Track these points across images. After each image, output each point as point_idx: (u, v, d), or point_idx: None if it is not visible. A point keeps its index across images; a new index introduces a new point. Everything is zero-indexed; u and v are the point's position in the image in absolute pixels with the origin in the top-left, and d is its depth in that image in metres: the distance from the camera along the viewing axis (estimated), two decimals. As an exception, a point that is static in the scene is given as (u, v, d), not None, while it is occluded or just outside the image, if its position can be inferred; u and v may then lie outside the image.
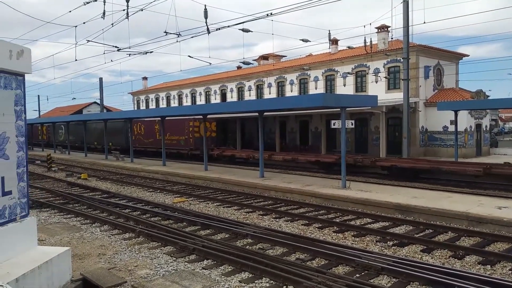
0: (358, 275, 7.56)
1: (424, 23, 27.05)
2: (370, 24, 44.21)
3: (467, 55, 36.41)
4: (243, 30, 21.24)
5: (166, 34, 20.23)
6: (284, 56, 48.61)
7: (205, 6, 18.62)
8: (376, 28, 34.47)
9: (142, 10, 19.37)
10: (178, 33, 20.38)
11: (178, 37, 20.54)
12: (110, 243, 9.97)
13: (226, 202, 15.37)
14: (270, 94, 42.42)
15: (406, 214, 12.56)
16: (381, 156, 28.34)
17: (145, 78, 65.12)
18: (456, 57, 35.72)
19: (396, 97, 30.67)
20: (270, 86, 42.65)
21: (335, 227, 11.34)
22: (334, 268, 8.03)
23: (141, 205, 14.88)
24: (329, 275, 7.26)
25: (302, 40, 25.39)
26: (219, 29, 19.88)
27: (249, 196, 16.68)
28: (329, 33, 26.78)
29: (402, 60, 27.37)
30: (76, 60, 28.08)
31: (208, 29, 19.03)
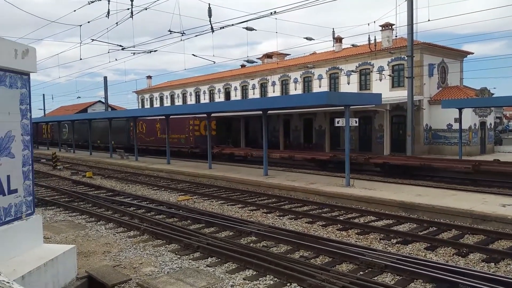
0: (361, 273, 7.57)
1: (428, 21, 26.84)
2: (374, 22, 44.22)
3: (472, 53, 36.23)
4: (247, 28, 21.26)
5: (170, 33, 20.29)
6: (288, 54, 48.56)
7: (209, 4, 18.66)
8: (380, 26, 34.36)
9: (146, 9, 19.43)
10: (182, 31, 20.44)
11: (182, 35, 20.62)
12: (115, 241, 10.03)
13: (230, 200, 15.41)
14: (274, 92, 42.41)
15: (410, 212, 12.56)
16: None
17: (149, 77, 65.29)
18: (460, 54, 35.56)
19: (400, 95, 30.60)
20: (274, 84, 42.64)
21: (339, 225, 11.36)
22: (338, 265, 8.05)
23: (145, 203, 14.94)
24: (333, 273, 7.28)
25: (306, 38, 25.42)
26: (223, 27, 19.92)
27: (253, 194, 16.71)
28: (333, 31, 26.80)
29: (406, 58, 27.30)
30: (81, 59, 28.15)
31: (212, 27, 19.06)
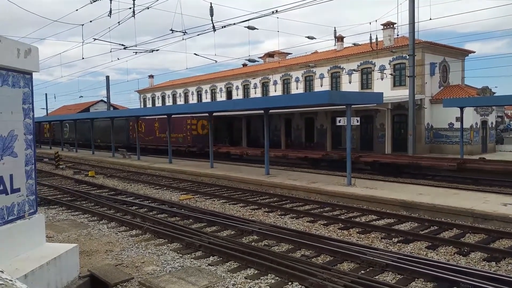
0: (363, 272, 7.59)
1: (430, 20, 26.93)
2: (376, 21, 44.11)
3: (473, 52, 36.21)
4: (249, 27, 21.28)
5: (172, 32, 20.32)
6: (289, 53, 48.59)
7: (210, 4, 18.67)
8: (381, 25, 34.31)
9: (148, 8, 19.44)
10: (184, 31, 20.46)
11: (184, 35, 20.63)
12: (117, 240, 10.07)
13: (232, 199, 15.44)
14: (275, 91, 42.40)
15: (411, 211, 12.58)
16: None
17: (151, 76, 65.35)
18: (462, 53, 35.52)
19: (401, 94, 30.59)
20: (275, 83, 42.64)
21: (340, 224, 11.38)
22: (339, 264, 8.07)
23: (147, 202, 14.98)
24: (334, 272, 7.31)
25: (308, 37, 25.43)
26: (225, 26, 19.93)
27: (254, 193, 16.74)
28: (334, 30, 26.75)
29: (407, 57, 27.29)
30: (83, 58, 28.28)
31: (213, 26, 19.08)
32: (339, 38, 37.58)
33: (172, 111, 27.97)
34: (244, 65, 51.50)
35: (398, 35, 29.38)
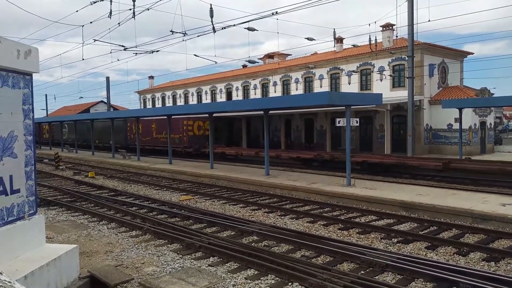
0: (363, 272, 7.60)
1: (429, 21, 26.93)
2: (375, 22, 44.25)
3: (472, 53, 36.26)
4: (249, 29, 21.31)
5: (172, 33, 20.35)
6: (289, 54, 48.63)
7: (210, 5, 18.70)
8: (381, 26, 34.38)
9: (148, 10, 19.49)
10: (184, 32, 20.49)
11: (184, 36, 20.65)
12: (117, 241, 10.07)
13: (232, 200, 15.45)
14: (275, 92, 42.43)
15: (410, 211, 12.60)
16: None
17: (151, 77, 65.37)
18: (460, 55, 35.57)
19: (400, 95, 30.62)
20: (275, 84, 42.67)
21: (340, 225, 11.39)
22: (339, 265, 8.08)
23: (147, 203, 14.98)
24: (334, 272, 7.32)
25: (307, 38, 25.44)
26: (225, 28, 19.96)
27: (254, 194, 16.75)
28: (334, 31, 26.82)
29: (406, 58, 27.30)
30: (83, 59, 28.33)
31: (213, 28, 19.11)
32: (339, 40, 37.64)
33: (172, 112, 27.98)
34: (244, 66, 51.53)
35: (397, 37, 29.42)
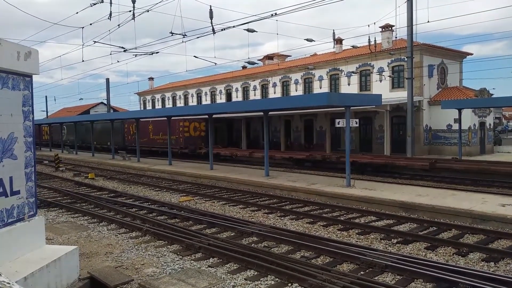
0: (362, 273, 7.61)
1: (428, 22, 26.98)
2: (374, 23, 44.07)
3: (471, 54, 36.30)
4: (248, 30, 21.32)
5: (172, 35, 20.35)
6: (289, 55, 48.63)
7: (210, 6, 18.72)
8: (380, 27, 34.44)
9: (148, 11, 19.51)
10: (183, 33, 20.51)
11: (184, 37, 20.67)
12: (117, 242, 10.08)
13: (232, 200, 15.46)
14: (275, 93, 42.45)
15: (410, 212, 12.61)
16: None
17: (151, 79, 65.37)
18: (460, 55, 35.60)
19: (400, 96, 30.64)
20: (275, 85, 42.69)
21: (340, 225, 11.40)
22: (338, 265, 8.09)
23: (147, 204, 14.99)
24: (333, 273, 7.33)
25: (307, 39, 25.43)
26: (224, 29, 19.98)
27: (254, 194, 16.76)
28: (333, 32, 26.82)
29: (406, 59, 27.34)
30: (83, 61, 28.24)
31: (213, 29, 19.13)
32: (338, 41, 37.63)
33: (171, 113, 27.99)
34: (243, 67, 51.55)
35: (396, 38, 29.45)
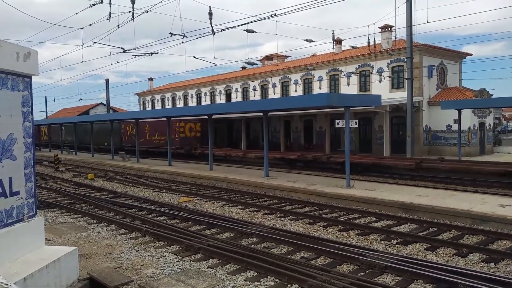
0: (362, 273, 7.61)
1: (427, 23, 27.01)
2: (374, 24, 44.25)
3: (470, 54, 36.31)
4: (247, 30, 21.32)
5: (171, 35, 20.35)
6: (288, 56, 48.63)
7: (209, 7, 18.71)
8: (379, 28, 34.45)
9: (147, 12, 19.49)
10: (183, 34, 20.50)
11: (183, 38, 20.67)
12: (117, 243, 10.07)
13: (231, 201, 15.45)
14: (274, 94, 42.46)
15: (410, 212, 12.60)
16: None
17: (151, 79, 65.37)
18: (459, 56, 35.62)
19: (399, 96, 30.64)
20: (274, 86, 42.69)
21: (340, 226, 11.39)
22: (338, 266, 8.08)
23: (147, 204, 14.99)
24: (333, 274, 7.32)
25: (306, 40, 25.43)
26: (224, 30, 19.98)
27: (254, 195, 16.75)
28: (332, 33, 26.84)
29: (405, 59, 27.36)
30: (82, 61, 28.22)
31: (213, 30, 19.12)
32: (338, 41, 37.67)
33: (171, 114, 27.97)
34: (243, 68, 51.57)
35: (396, 38, 29.46)
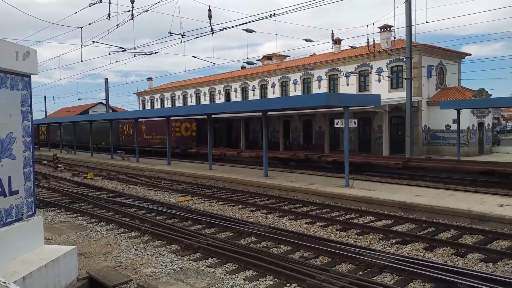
0: (361, 273, 7.61)
1: (426, 23, 27.01)
2: (373, 23, 44.27)
3: (470, 54, 36.36)
4: (247, 30, 21.33)
5: (171, 35, 20.35)
6: (287, 56, 48.64)
7: (209, 6, 18.72)
8: (379, 27, 34.47)
9: (147, 11, 19.50)
10: (182, 33, 20.51)
11: (183, 37, 20.68)
12: (116, 242, 10.07)
13: (231, 201, 15.45)
14: (274, 94, 42.48)
15: (409, 212, 12.61)
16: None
17: (150, 79, 65.37)
18: (458, 56, 35.66)
19: (399, 96, 30.66)
20: (273, 86, 42.70)
21: (339, 225, 11.40)
22: (337, 266, 8.09)
23: (146, 204, 14.98)
24: (332, 273, 7.33)
25: (306, 40, 25.45)
26: (223, 29, 19.99)
27: (253, 195, 16.76)
28: (332, 33, 26.86)
29: (404, 59, 27.37)
30: (82, 60, 28.20)
31: (212, 29, 19.12)
32: (337, 41, 37.69)
33: (170, 114, 27.98)
34: (242, 67, 51.58)
35: (395, 38, 29.49)
